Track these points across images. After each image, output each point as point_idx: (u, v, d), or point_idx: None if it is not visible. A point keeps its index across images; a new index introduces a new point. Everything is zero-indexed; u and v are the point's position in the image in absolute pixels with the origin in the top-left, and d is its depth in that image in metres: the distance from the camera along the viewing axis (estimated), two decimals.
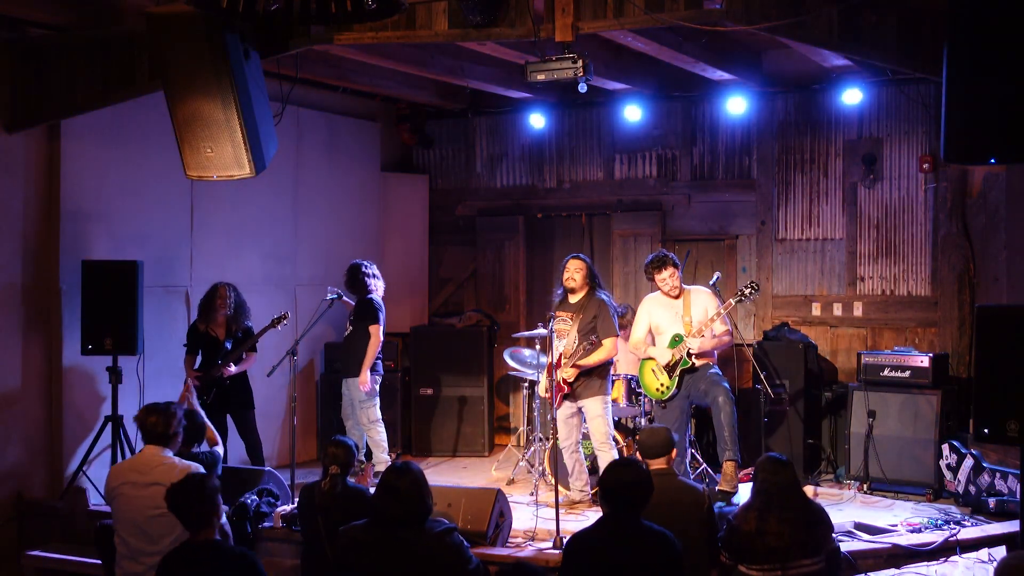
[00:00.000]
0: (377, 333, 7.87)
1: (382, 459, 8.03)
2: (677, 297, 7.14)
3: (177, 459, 5.16)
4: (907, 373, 7.69)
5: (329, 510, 5.23)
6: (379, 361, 8.06)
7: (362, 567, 4.23)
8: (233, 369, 7.55)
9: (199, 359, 7.66)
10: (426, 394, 9.40)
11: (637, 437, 5.51)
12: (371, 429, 8.00)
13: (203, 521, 4.34)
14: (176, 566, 4.33)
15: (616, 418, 7.84)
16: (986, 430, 5.75)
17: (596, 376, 7.05)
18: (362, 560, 4.23)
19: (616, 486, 4.38)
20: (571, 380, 6.98)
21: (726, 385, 6.97)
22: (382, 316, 7.94)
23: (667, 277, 7.07)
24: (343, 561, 4.32)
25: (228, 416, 7.62)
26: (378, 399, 8.05)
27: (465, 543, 4.34)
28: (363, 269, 8.02)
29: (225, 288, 7.67)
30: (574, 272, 7.19)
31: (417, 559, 4.16)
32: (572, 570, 4.40)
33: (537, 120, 9.54)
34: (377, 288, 8.05)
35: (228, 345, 7.62)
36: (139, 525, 4.97)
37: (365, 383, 7.81)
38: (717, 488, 6.75)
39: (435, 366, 9.41)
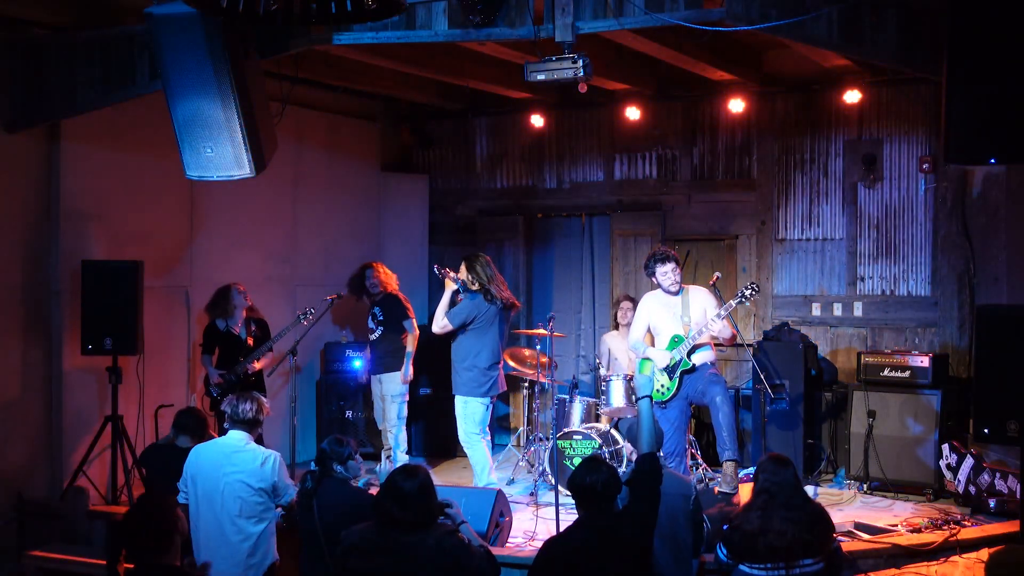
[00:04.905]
0: (414, 328, 8.11)
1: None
2: (677, 293, 7.10)
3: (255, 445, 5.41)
4: (907, 373, 7.69)
5: (317, 508, 5.18)
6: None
7: (363, 570, 4.17)
8: (258, 365, 7.65)
9: (215, 358, 7.72)
10: (426, 394, 9.39)
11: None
12: (395, 427, 8.15)
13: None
14: None
15: (615, 419, 7.87)
16: (986, 430, 5.76)
17: (461, 371, 7.34)
18: (364, 563, 4.17)
19: (586, 487, 4.32)
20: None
21: (723, 385, 6.95)
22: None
23: (669, 271, 7.04)
24: (344, 564, 4.25)
25: None
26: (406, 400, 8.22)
27: (467, 539, 4.26)
28: (366, 272, 8.21)
29: (239, 285, 7.76)
30: None
31: (418, 563, 4.10)
32: (549, 572, 4.34)
33: (537, 120, 9.53)
34: (392, 282, 8.24)
35: (243, 338, 7.69)
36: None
37: (407, 377, 8.08)
38: (717, 488, 6.75)
39: (435, 366, 9.38)
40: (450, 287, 7.37)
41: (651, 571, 4.35)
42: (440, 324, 7.33)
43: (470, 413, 7.28)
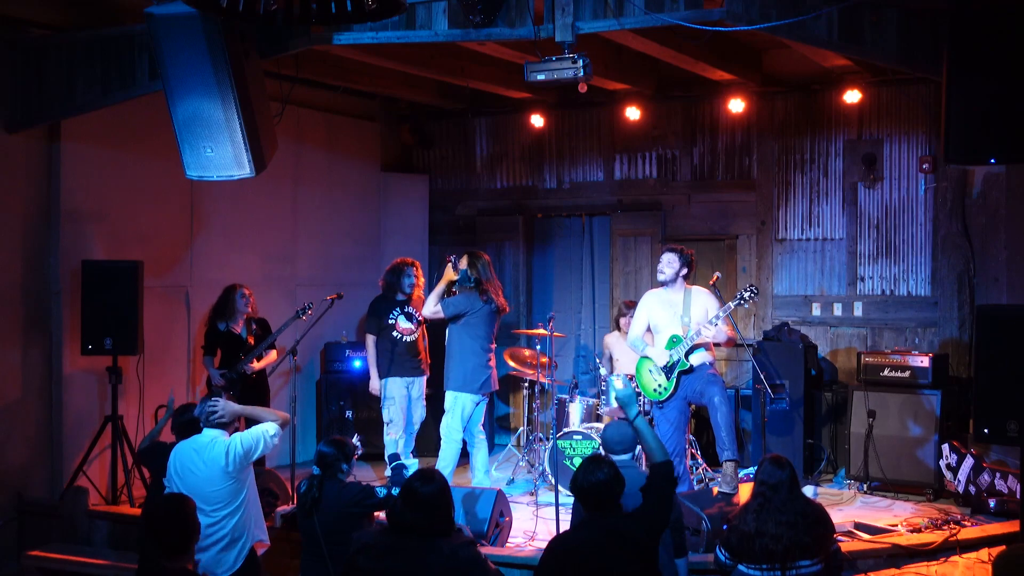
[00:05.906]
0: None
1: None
2: (665, 284, 7.05)
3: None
4: (907, 373, 7.69)
5: (318, 511, 5.17)
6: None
7: (371, 571, 4.08)
8: (259, 364, 7.65)
9: (217, 359, 7.70)
10: (426, 394, 9.38)
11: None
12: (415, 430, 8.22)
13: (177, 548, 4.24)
14: None
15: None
16: (986, 430, 5.76)
17: (454, 367, 7.49)
18: (372, 564, 4.08)
19: (588, 488, 4.30)
20: None
21: (721, 385, 6.92)
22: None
23: (665, 261, 7.01)
24: (353, 562, 4.16)
25: None
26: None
27: (483, 556, 4.14)
28: (407, 269, 8.05)
29: (243, 286, 7.74)
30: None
31: (429, 570, 4.02)
32: (555, 571, 4.34)
33: (537, 120, 9.53)
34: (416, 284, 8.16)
35: (244, 337, 7.68)
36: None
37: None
38: (717, 489, 6.74)
39: (435, 366, 9.38)
40: (449, 277, 7.42)
41: (655, 571, 4.34)
42: (432, 308, 7.44)
43: (459, 407, 7.43)
